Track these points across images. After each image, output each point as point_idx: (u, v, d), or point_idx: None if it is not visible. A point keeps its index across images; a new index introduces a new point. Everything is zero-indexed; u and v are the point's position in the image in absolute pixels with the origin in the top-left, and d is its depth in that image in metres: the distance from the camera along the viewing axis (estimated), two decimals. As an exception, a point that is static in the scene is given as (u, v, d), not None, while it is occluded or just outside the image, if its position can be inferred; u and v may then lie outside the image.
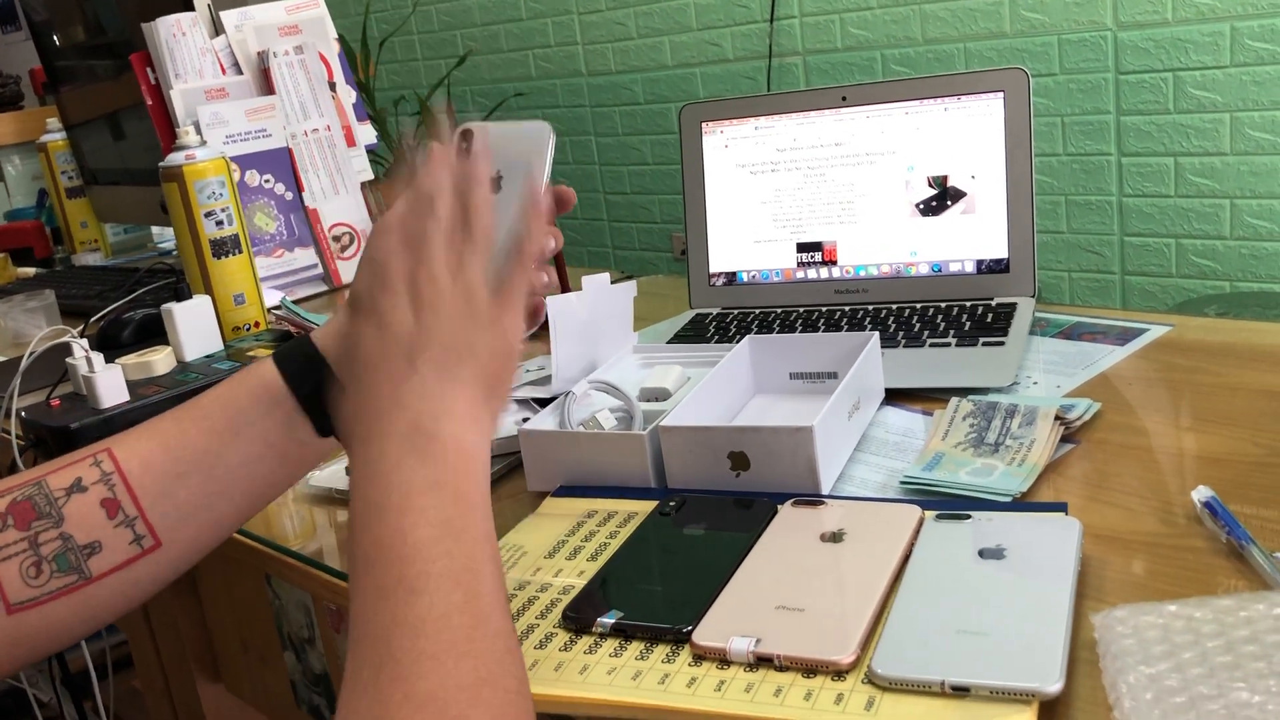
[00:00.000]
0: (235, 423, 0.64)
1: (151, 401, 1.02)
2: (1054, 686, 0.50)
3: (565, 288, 1.21)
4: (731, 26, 2.73)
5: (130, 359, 1.09)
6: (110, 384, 1.01)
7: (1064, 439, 0.77)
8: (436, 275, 0.59)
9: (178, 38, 1.47)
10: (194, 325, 1.16)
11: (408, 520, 0.53)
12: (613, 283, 0.98)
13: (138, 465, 0.62)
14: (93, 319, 1.35)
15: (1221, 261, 2.16)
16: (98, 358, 1.01)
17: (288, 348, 0.67)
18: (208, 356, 1.16)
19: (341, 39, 1.65)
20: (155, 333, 1.28)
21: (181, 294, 1.17)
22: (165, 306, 1.16)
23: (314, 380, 0.65)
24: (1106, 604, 0.55)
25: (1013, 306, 1.00)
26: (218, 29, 1.54)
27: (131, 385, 1.04)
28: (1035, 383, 0.89)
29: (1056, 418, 0.77)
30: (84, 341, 1.02)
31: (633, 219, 3.15)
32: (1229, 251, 2.15)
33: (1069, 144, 2.28)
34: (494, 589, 0.53)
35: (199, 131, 1.33)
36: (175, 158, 1.25)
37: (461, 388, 0.58)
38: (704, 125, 1.14)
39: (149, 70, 1.50)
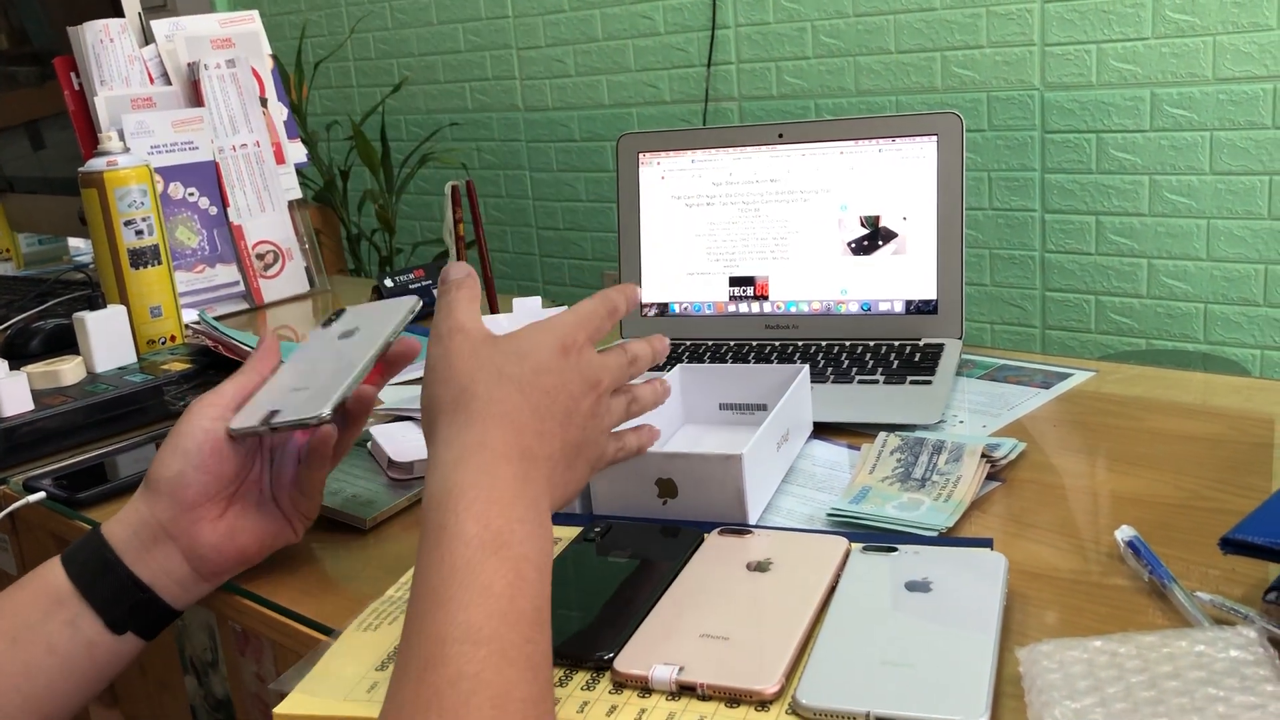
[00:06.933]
0: (13, 629, 0.61)
1: (58, 412, 0.98)
2: (979, 719, 0.50)
3: (494, 309, 1.20)
4: (669, 69, 2.76)
5: (36, 367, 1.04)
6: (13, 392, 0.96)
7: (989, 477, 0.77)
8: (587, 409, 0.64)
9: (105, 44, 1.44)
10: (107, 335, 1.12)
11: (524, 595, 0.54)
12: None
13: None
14: (-1, 327, 1.30)
15: (1138, 319, 2.22)
16: (1, 365, 0.97)
17: (76, 544, 0.64)
18: (120, 368, 1.12)
19: (275, 58, 1.62)
20: (67, 344, 1.23)
21: (96, 304, 1.14)
22: (77, 315, 1.12)
23: (106, 576, 0.62)
24: (1031, 639, 0.55)
25: (940, 347, 1.01)
26: (148, 38, 1.51)
27: (37, 395, 1.00)
28: (961, 421, 0.89)
29: (983, 455, 0.77)
30: (-12, 347, 0.98)
31: (564, 254, 3.14)
32: (1145, 310, 2.20)
33: (995, 199, 2.33)
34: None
35: (123, 139, 1.30)
36: (96, 163, 1.21)
37: (555, 500, 0.61)
38: (641, 156, 1.14)
39: (73, 75, 1.46)
